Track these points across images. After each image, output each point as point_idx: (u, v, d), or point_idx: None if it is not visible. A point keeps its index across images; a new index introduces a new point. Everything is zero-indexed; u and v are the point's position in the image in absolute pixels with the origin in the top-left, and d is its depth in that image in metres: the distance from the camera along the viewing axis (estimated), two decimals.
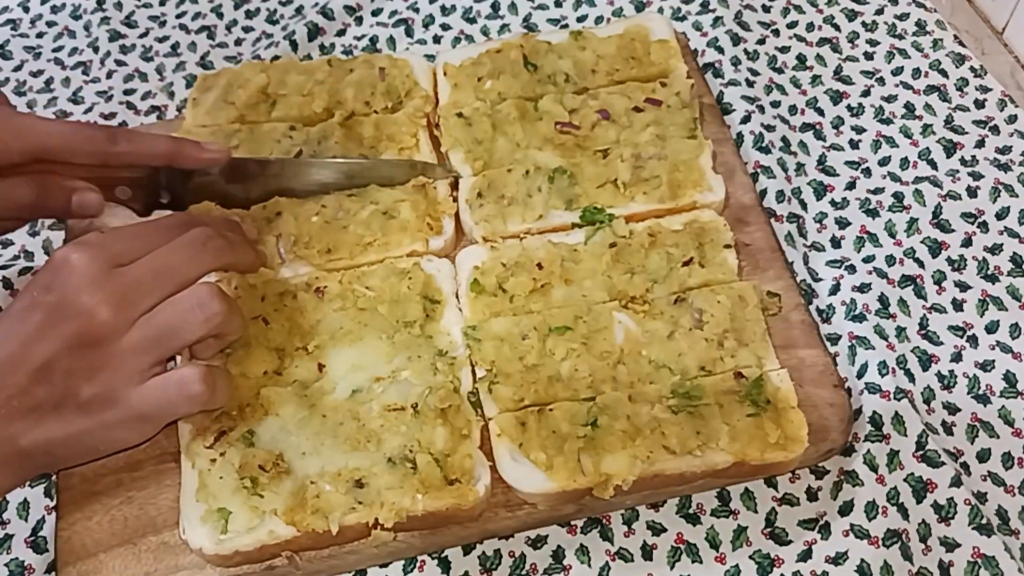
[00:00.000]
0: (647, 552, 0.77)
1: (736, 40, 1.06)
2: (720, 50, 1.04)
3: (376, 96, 0.94)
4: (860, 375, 0.82)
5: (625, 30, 0.98)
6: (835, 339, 0.85)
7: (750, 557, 0.76)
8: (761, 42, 1.07)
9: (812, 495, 0.79)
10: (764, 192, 0.94)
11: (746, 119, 0.98)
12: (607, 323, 0.80)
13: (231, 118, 0.93)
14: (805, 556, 0.76)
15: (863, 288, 0.88)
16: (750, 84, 1.03)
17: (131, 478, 0.78)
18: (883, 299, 0.88)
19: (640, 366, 0.78)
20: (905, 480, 0.77)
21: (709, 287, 0.82)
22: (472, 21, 1.11)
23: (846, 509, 0.77)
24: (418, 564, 0.76)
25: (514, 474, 0.74)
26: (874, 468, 0.78)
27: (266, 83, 0.95)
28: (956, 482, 0.76)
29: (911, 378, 0.84)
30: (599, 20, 1.10)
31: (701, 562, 0.76)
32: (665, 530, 0.78)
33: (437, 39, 1.10)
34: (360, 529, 0.72)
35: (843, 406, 0.79)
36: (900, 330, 0.86)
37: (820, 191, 0.96)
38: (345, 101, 0.94)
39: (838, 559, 0.75)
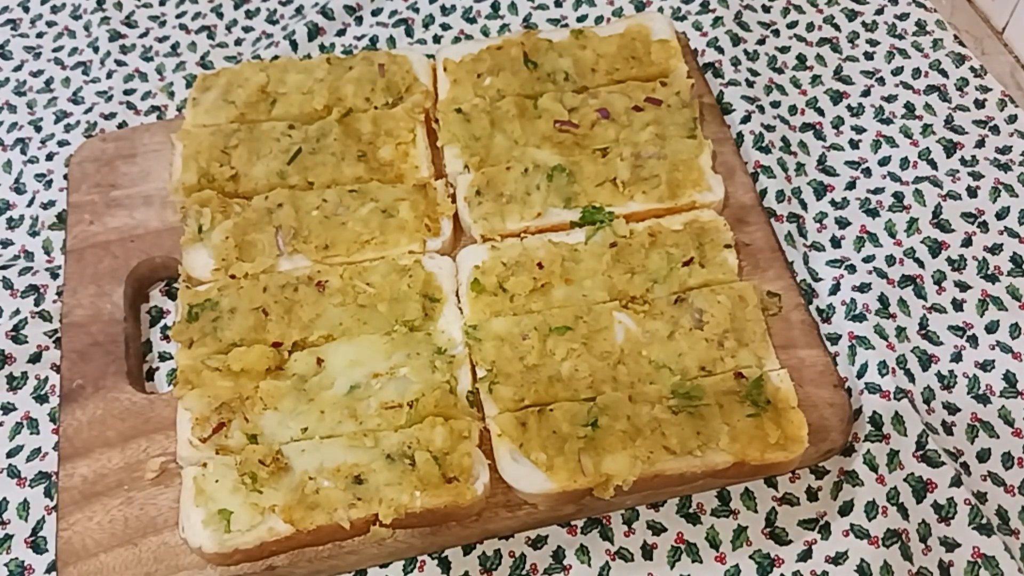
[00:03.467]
0: (647, 552, 0.77)
1: (736, 40, 1.06)
2: (720, 50, 1.04)
3: (376, 92, 0.95)
4: (860, 375, 0.82)
5: (626, 29, 0.98)
6: (835, 339, 0.85)
7: (750, 557, 0.76)
8: (761, 42, 1.07)
9: (812, 495, 0.79)
10: (764, 192, 0.94)
11: (746, 119, 0.98)
12: (607, 323, 0.80)
13: (231, 117, 0.93)
14: (805, 556, 0.76)
15: (863, 288, 0.88)
16: (750, 84, 1.03)
17: (131, 478, 0.78)
18: (883, 299, 0.88)
19: (640, 366, 0.78)
20: (905, 480, 0.77)
21: (709, 287, 0.82)
22: (472, 21, 1.11)
23: (846, 509, 0.77)
24: (418, 564, 0.76)
25: (514, 474, 0.74)
26: (874, 468, 0.78)
27: (266, 82, 0.95)
28: (956, 482, 0.76)
29: (911, 378, 0.84)
30: (599, 20, 1.10)
31: (701, 562, 0.76)
32: (665, 530, 0.78)
33: (437, 39, 1.10)
34: (359, 526, 0.72)
35: (843, 406, 0.79)
36: (900, 330, 0.86)
37: (820, 191, 0.95)
38: (345, 98, 0.94)
39: (838, 559, 0.75)
